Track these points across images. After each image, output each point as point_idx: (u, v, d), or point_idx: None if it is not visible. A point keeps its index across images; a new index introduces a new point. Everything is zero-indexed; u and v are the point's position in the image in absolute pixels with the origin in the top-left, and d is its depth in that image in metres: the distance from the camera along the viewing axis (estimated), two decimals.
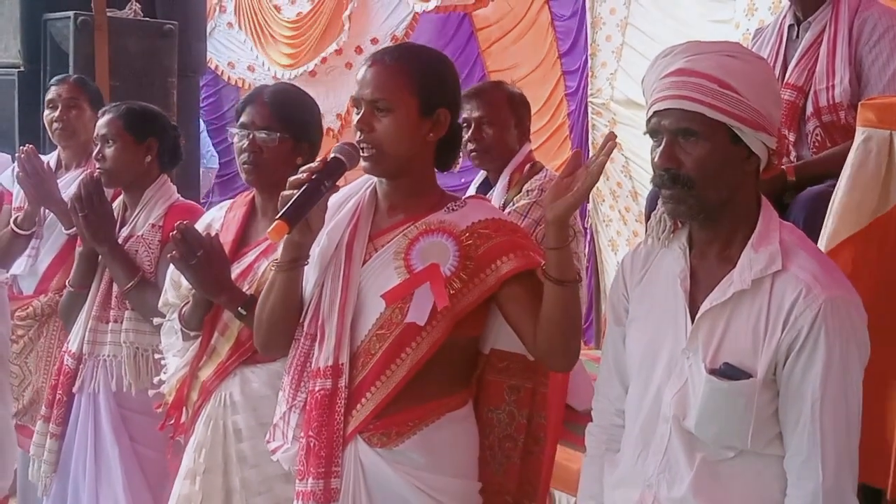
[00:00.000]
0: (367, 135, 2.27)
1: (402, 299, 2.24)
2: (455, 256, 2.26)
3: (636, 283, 2.15)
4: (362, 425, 2.27)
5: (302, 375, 2.35)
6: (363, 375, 2.27)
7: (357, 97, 2.29)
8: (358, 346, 2.28)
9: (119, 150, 3.28)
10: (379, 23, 8.56)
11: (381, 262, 2.31)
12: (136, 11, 4.90)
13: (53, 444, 3.33)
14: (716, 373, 1.93)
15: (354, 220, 2.38)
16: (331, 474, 2.26)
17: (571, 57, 7.80)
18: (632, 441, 2.10)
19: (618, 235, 7.60)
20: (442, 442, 2.30)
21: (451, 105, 2.35)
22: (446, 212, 2.33)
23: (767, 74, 2.09)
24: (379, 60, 2.30)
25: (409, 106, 2.27)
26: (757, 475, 1.97)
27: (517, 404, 2.39)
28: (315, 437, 2.28)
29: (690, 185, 1.95)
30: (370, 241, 2.36)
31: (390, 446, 2.26)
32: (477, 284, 2.25)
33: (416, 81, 2.28)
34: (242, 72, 9.05)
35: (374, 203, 2.41)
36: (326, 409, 2.27)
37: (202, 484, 2.70)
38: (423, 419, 2.28)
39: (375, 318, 2.27)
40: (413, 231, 2.32)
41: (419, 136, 2.30)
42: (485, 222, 2.30)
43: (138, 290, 3.19)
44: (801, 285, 1.91)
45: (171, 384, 2.87)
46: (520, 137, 3.79)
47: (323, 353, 2.29)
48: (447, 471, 2.30)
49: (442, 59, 2.42)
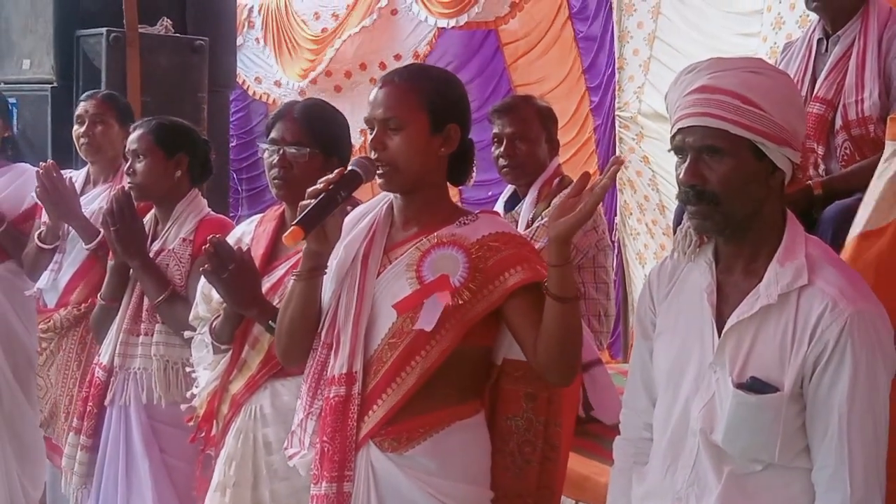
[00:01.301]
0: (380, 153, 2.34)
1: (413, 309, 2.31)
2: (465, 268, 2.32)
3: (663, 297, 2.15)
4: (374, 430, 2.32)
5: (319, 384, 2.42)
6: (375, 382, 2.33)
7: (370, 118, 2.37)
8: (371, 354, 2.34)
9: (149, 165, 3.31)
10: (402, 39, 8.60)
11: (394, 274, 2.38)
12: (167, 27, 4.94)
13: (84, 456, 3.37)
14: (743, 387, 1.94)
15: (370, 234, 2.45)
16: (343, 478, 2.32)
17: (594, 72, 7.82)
18: (660, 454, 2.10)
19: (645, 248, 7.59)
20: (452, 448, 2.35)
21: (461, 120, 2.42)
22: (458, 225, 2.40)
23: (790, 89, 2.10)
24: (389, 81, 2.39)
25: (419, 123, 2.34)
26: (785, 488, 1.97)
27: (534, 411, 2.44)
28: (329, 442, 2.34)
29: (716, 201, 1.97)
30: (385, 254, 2.43)
31: (401, 451, 2.32)
32: (485, 295, 2.31)
33: (425, 99, 2.35)
34: (269, 87, 9.11)
35: (390, 218, 2.47)
36: (340, 415, 2.33)
37: (232, 497, 2.73)
38: (434, 426, 2.33)
39: (388, 328, 2.34)
40: (426, 244, 2.38)
41: (431, 151, 2.37)
42: (494, 235, 2.36)
43: (169, 304, 3.22)
44: (828, 299, 1.91)
45: (202, 397, 2.89)
46: (550, 151, 3.82)
47: (338, 362, 2.36)
48: (457, 476, 2.35)
49: (449, 77, 2.51)
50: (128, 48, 4.68)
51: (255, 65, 9.12)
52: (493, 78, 8.33)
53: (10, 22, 5.01)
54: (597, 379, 3.71)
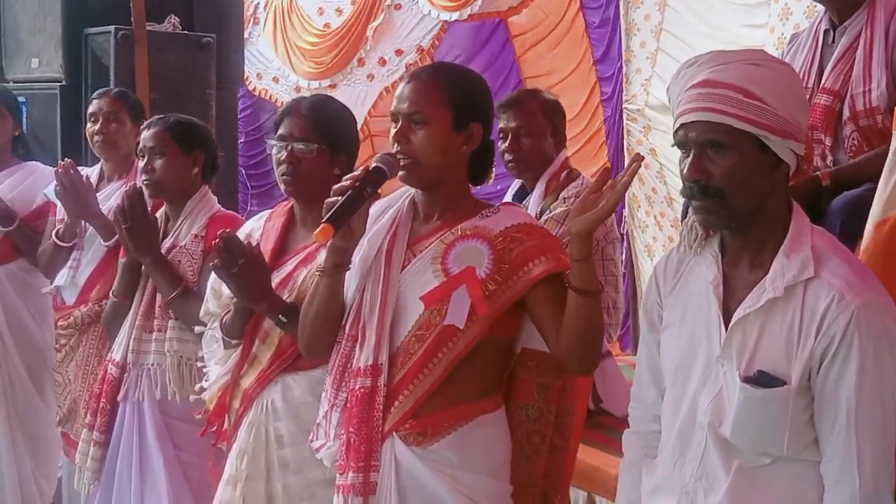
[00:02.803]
0: (403, 146, 2.38)
1: (440, 301, 2.34)
2: (490, 259, 2.36)
3: (669, 290, 2.16)
4: (400, 422, 2.35)
5: (343, 376, 2.45)
6: (402, 374, 2.36)
7: (395, 111, 2.41)
8: (397, 346, 2.38)
9: (168, 161, 3.33)
10: (404, 34, 8.58)
11: (419, 267, 2.41)
12: (174, 25, 4.96)
13: (97, 451, 3.38)
14: (750, 380, 1.94)
15: (393, 229, 2.48)
16: (370, 468, 2.35)
17: (605, 63, 7.80)
18: (668, 448, 2.11)
19: (654, 241, 7.58)
20: (475, 442, 2.37)
21: (484, 120, 2.46)
22: (480, 218, 2.43)
23: (793, 81, 2.10)
24: (416, 77, 2.43)
25: (443, 119, 2.38)
26: (793, 481, 1.97)
27: (546, 401, 2.47)
28: (355, 432, 2.37)
29: (720, 195, 1.97)
30: (409, 248, 2.46)
31: (425, 445, 2.35)
32: (510, 286, 2.34)
33: (449, 96, 2.39)
34: (268, 83, 9.12)
35: (413, 212, 2.50)
36: (366, 406, 2.36)
37: (244, 490, 2.74)
38: (458, 420, 2.36)
39: (415, 320, 2.37)
40: (449, 237, 2.41)
41: (453, 148, 2.40)
42: (517, 227, 2.40)
43: (182, 300, 3.24)
44: (834, 291, 1.91)
45: (212, 392, 2.91)
46: (556, 145, 3.82)
47: (363, 354, 2.39)
48: (480, 470, 2.38)
49: (475, 77, 2.54)
50: (136, 46, 4.70)
51: (257, 60, 9.12)
52: (502, 70, 8.32)
53: (19, 21, 5.04)
54: (606, 371, 3.73)
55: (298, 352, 2.73)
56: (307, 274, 2.76)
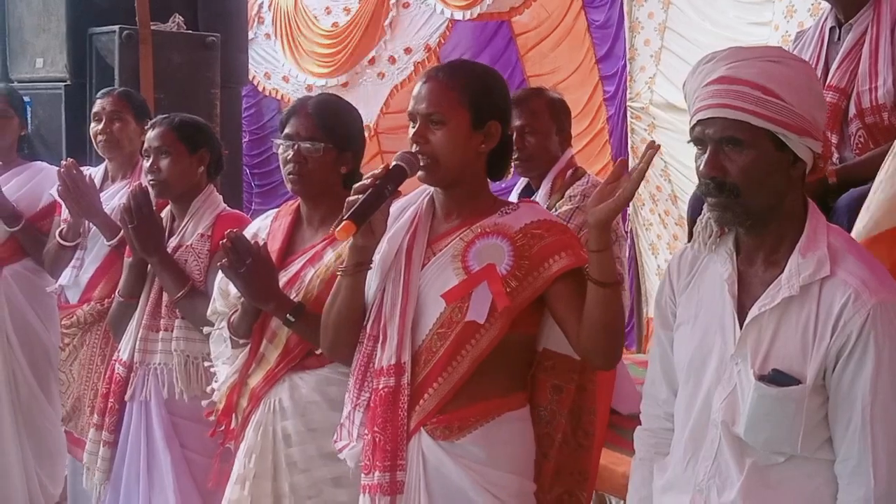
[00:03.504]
0: (422, 147, 2.38)
1: (461, 299, 2.34)
2: (510, 256, 2.36)
3: (683, 287, 2.15)
4: (425, 420, 2.35)
5: (365, 376, 2.44)
6: (426, 372, 2.36)
7: (413, 112, 2.41)
8: (419, 345, 2.37)
9: (174, 161, 3.32)
10: (413, 33, 8.59)
11: (439, 265, 2.41)
12: (179, 24, 4.95)
13: (106, 451, 3.38)
14: (764, 379, 1.93)
15: (413, 227, 2.47)
16: (396, 467, 2.35)
17: (608, 62, 7.81)
18: (681, 446, 2.10)
19: (658, 239, 7.59)
20: (501, 438, 2.37)
21: (502, 118, 2.45)
22: (500, 215, 2.43)
23: (811, 78, 2.08)
24: (433, 77, 2.42)
25: (461, 118, 2.37)
26: (808, 480, 1.97)
27: (559, 404, 2.47)
28: (380, 432, 2.36)
29: (736, 192, 1.96)
30: (428, 246, 2.46)
31: (452, 439, 2.35)
32: (531, 282, 2.34)
33: (467, 95, 2.38)
34: (278, 82, 9.10)
35: (432, 211, 2.50)
36: (391, 406, 2.36)
37: (252, 489, 2.74)
38: (485, 415, 2.36)
39: (436, 318, 2.37)
40: (469, 234, 2.41)
41: (471, 147, 2.40)
42: (537, 223, 2.40)
43: (189, 299, 3.23)
44: (850, 290, 1.90)
45: (221, 391, 2.91)
46: (561, 143, 3.81)
47: (386, 353, 2.38)
48: (505, 467, 2.38)
49: (492, 74, 2.53)
50: (140, 45, 4.70)
51: (265, 60, 9.12)
52: (506, 69, 8.32)
53: (23, 21, 5.02)
54: None
55: (306, 351, 2.75)
56: (314, 273, 2.76)
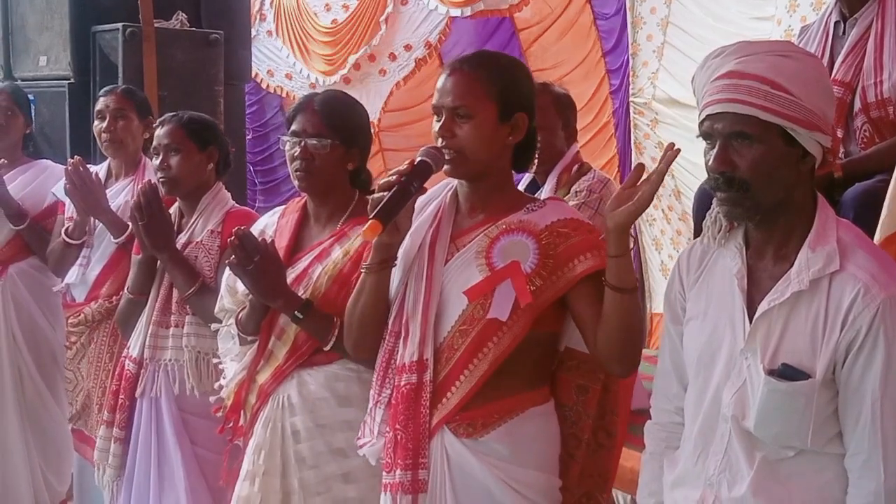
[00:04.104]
0: (449, 141, 2.34)
1: (484, 296, 2.31)
2: (535, 254, 2.32)
3: (693, 282, 2.14)
4: (448, 417, 2.32)
5: (387, 372, 2.42)
6: (448, 370, 2.33)
7: (438, 105, 2.36)
8: (441, 342, 2.34)
9: (184, 158, 3.32)
10: (412, 29, 8.58)
11: (463, 261, 2.38)
12: (182, 22, 4.94)
13: (118, 448, 3.38)
14: (774, 373, 1.93)
15: (436, 222, 2.45)
16: (418, 466, 2.32)
17: (615, 55, 7.79)
18: (691, 440, 2.10)
19: (661, 235, 7.59)
20: (526, 435, 2.35)
21: (528, 109, 2.41)
22: (525, 212, 2.40)
23: (820, 72, 2.09)
24: (458, 69, 2.37)
25: (488, 111, 2.34)
26: (817, 474, 1.97)
27: (584, 404, 2.44)
28: (402, 429, 2.34)
29: (746, 187, 1.95)
30: (452, 242, 2.42)
31: (476, 437, 2.32)
32: (555, 282, 2.31)
33: (494, 88, 2.35)
34: (281, 80, 9.09)
35: (455, 205, 2.47)
36: (412, 403, 2.33)
37: (261, 485, 2.74)
38: (509, 411, 2.34)
39: (458, 315, 2.33)
40: (494, 231, 2.38)
41: (498, 140, 2.37)
42: (563, 221, 2.36)
43: (199, 296, 3.23)
44: (860, 285, 1.90)
45: (229, 388, 2.91)
46: (567, 138, 3.80)
47: (408, 350, 2.36)
48: (530, 464, 2.35)
49: (518, 65, 2.49)
50: (144, 43, 4.69)
51: (267, 58, 9.11)
52: None
53: (26, 19, 5.02)
54: None
55: (314, 347, 2.75)
56: (322, 270, 2.77)
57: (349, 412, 2.71)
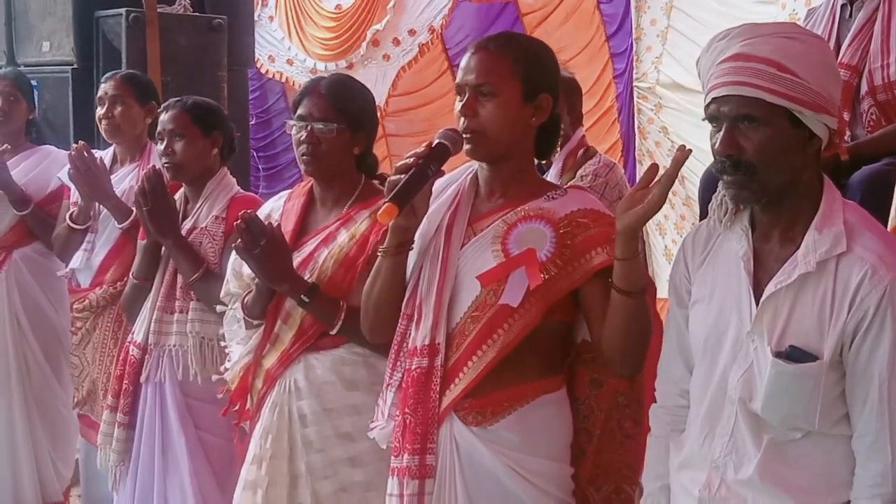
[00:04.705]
0: (471, 120, 2.30)
1: (498, 282, 2.28)
2: (552, 243, 2.29)
3: (698, 265, 2.13)
4: (455, 403, 2.30)
5: (399, 355, 2.40)
6: (458, 355, 2.30)
7: (461, 83, 2.33)
8: (454, 327, 2.32)
9: (188, 143, 3.31)
10: (416, 14, 8.55)
11: (479, 246, 2.35)
12: (185, 7, 4.93)
13: (121, 433, 3.39)
14: (781, 355, 1.92)
15: (455, 205, 2.41)
16: (426, 451, 2.30)
17: (618, 39, 7.76)
18: (697, 423, 2.10)
19: (665, 219, 7.58)
20: (537, 423, 2.32)
21: (553, 91, 2.37)
22: (546, 199, 2.36)
23: (826, 54, 2.07)
24: (483, 47, 2.34)
25: (512, 90, 2.30)
26: (825, 456, 1.97)
27: (597, 399, 2.39)
28: (411, 413, 2.32)
29: (752, 170, 1.94)
30: (469, 226, 2.39)
31: (485, 425, 2.29)
32: (570, 272, 2.27)
33: (518, 66, 2.31)
34: (282, 65, 9.06)
35: (475, 188, 2.43)
36: (422, 387, 2.31)
37: (268, 469, 2.75)
38: (519, 399, 2.30)
39: (471, 300, 2.31)
40: (512, 217, 2.34)
41: (522, 120, 2.33)
42: (583, 211, 2.32)
43: (204, 282, 3.23)
44: (867, 266, 1.89)
45: (234, 372, 2.92)
46: (573, 123, 3.81)
47: (420, 333, 2.33)
48: (541, 453, 2.32)
49: (542, 46, 2.44)
50: (147, 28, 4.67)
51: (269, 43, 9.08)
52: None
53: (29, 4, 5.01)
54: None
55: (320, 331, 2.76)
56: (328, 254, 2.77)
57: (356, 396, 2.72)
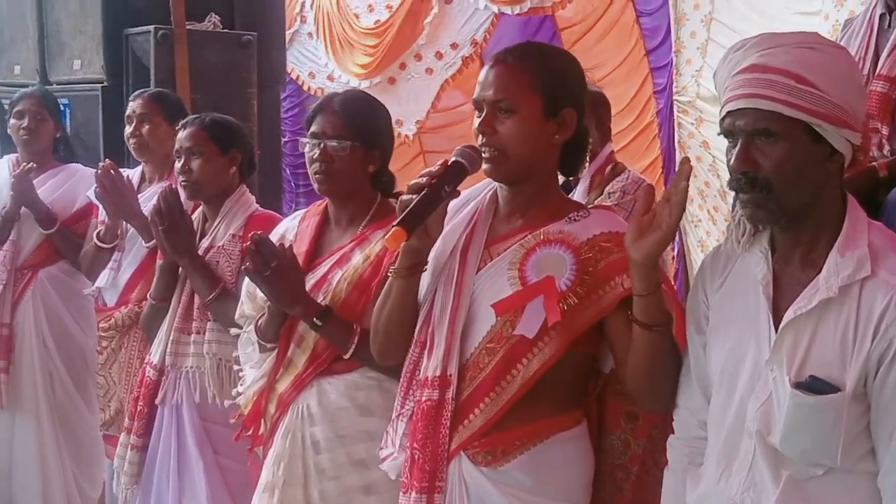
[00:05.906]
0: (489, 138, 2.19)
1: (513, 312, 2.16)
2: (572, 270, 2.16)
3: (716, 288, 2.03)
4: (467, 442, 2.19)
5: (411, 384, 2.29)
6: (471, 390, 2.19)
7: (479, 99, 2.22)
8: (468, 358, 2.20)
9: (206, 161, 3.28)
10: (458, 27, 8.57)
11: (495, 271, 2.22)
12: (214, 23, 4.92)
13: (134, 455, 3.35)
14: (801, 386, 1.82)
15: (471, 226, 2.29)
16: (434, 489, 2.19)
17: (659, 53, 7.69)
18: (714, 457, 2.00)
19: (707, 236, 7.49)
20: (550, 463, 2.20)
21: (577, 105, 2.25)
22: (567, 222, 2.23)
23: (849, 65, 1.97)
24: (501, 60, 2.22)
25: (533, 106, 2.18)
26: (848, 494, 1.86)
27: (633, 432, 2.27)
28: (420, 449, 2.21)
29: (769, 188, 1.85)
30: (486, 249, 2.27)
31: (495, 466, 2.18)
32: (594, 301, 2.15)
33: (539, 80, 2.19)
34: (322, 81, 9.12)
35: (494, 208, 2.32)
36: (432, 422, 2.20)
37: (281, 497, 2.69)
38: (532, 438, 2.19)
39: (486, 330, 2.19)
40: (531, 241, 2.22)
41: (544, 137, 2.21)
42: (607, 235, 2.19)
43: (220, 302, 3.19)
44: (892, 291, 1.79)
45: (247, 396, 2.87)
46: (601, 138, 3.73)
47: (431, 362, 2.22)
48: (555, 494, 2.20)
49: (567, 57, 2.33)
50: (176, 45, 4.66)
51: (309, 60, 9.12)
52: None
53: (60, 23, 5.04)
54: None
55: (334, 355, 2.69)
56: (342, 276, 2.71)
57: (370, 422, 2.65)
